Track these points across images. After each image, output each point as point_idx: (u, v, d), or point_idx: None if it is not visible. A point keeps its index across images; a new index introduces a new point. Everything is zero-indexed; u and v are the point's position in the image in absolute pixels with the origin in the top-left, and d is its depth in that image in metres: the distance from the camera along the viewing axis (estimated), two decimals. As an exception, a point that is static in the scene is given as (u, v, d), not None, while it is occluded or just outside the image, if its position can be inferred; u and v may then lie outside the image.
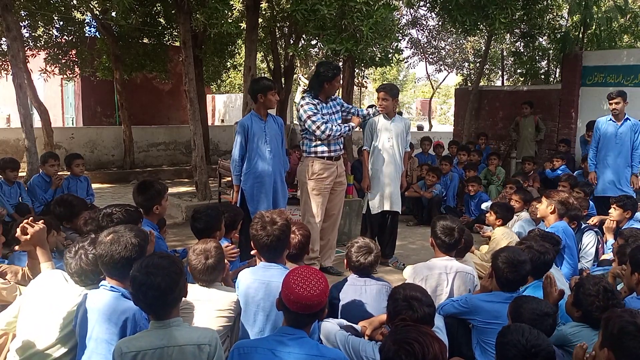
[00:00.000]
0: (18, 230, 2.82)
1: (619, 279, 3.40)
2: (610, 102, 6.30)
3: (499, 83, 16.46)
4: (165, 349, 2.13)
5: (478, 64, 14.76)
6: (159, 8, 10.97)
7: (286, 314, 2.24)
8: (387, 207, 5.26)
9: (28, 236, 2.79)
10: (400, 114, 5.79)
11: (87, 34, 11.66)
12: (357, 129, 5.57)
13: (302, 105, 4.86)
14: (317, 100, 4.86)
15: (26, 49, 9.56)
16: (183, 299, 2.34)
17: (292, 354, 2.14)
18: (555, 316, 2.68)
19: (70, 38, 11.14)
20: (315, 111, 4.79)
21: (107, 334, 2.34)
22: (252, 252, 3.00)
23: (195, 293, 2.76)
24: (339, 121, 5.03)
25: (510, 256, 3.01)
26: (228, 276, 3.14)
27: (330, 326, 2.72)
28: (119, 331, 2.33)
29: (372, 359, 2.51)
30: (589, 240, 4.80)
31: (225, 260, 3.06)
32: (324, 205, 4.95)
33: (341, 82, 5.11)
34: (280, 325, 2.62)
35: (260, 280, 2.79)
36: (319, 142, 4.85)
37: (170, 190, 8.98)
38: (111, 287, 2.44)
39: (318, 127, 4.74)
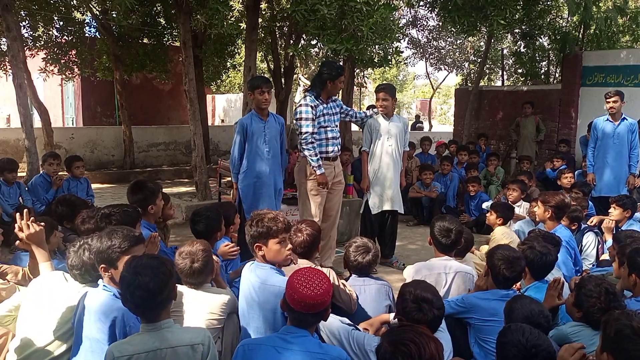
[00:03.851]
0: (16, 227, 2.82)
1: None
2: (608, 100, 6.31)
3: (499, 83, 16.46)
4: (158, 352, 2.12)
5: (478, 64, 14.76)
6: (159, 8, 10.97)
7: (290, 314, 2.27)
8: (387, 207, 5.26)
9: (23, 235, 2.80)
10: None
11: (87, 34, 11.66)
12: (357, 129, 5.58)
13: (300, 105, 4.81)
14: (317, 102, 4.81)
15: (26, 49, 9.56)
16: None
17: (295, 351, 2.17)
18: (549, 323, 2.68)
19: (70, 38, 11.14)
20: (310, 116, 4.71)
21: (99, 333, 2.35)
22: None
23: (184, 295, 2.75)
24: (337, 123, 5.02)
25: (506, 253, 3.02)
26: (218, 276, 3.11)
27: (332, 320, 2.73)
28: (108, 330, 2.32)
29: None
30: (588, 241, 4.80)
31: (216, 258, 3.05)
32: (322, 205, 4.93)
33: (342, 83, 5.06)
34: (272, 323, 2.64)
35: (257, 278, 2.78)
36: (317, 142, 4.83)
37: (170, 190, 9.00)
38: (104, 286, 2.45)
39: (301, 132, 4.71)
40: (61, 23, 10.93)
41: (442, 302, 2.54)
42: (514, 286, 3.22)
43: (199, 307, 2.75)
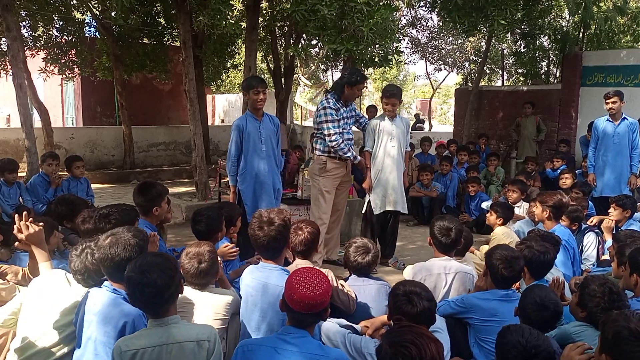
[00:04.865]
0: (15, 229, 2.82)
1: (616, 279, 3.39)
2: (607, 101, 6.31)
3: (499, 83, 16.45)
4: (164, 347, 2.14)
5: (478, 64, 14.75)
6: (159, 8, 10.97)
7: (289, 315, 2.26)
8: (390, 208, 5.28)
9: (23, 236, 2.80)
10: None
11: (87, 34, 11.66)
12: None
13: (324, 107, 4.97)
14: (339, 105, 5.02)
15: (26, 49, 9.56)
16: (182, 301, 2.34)
17: (295, 352, 2.16)
18: (558, 310, 2.70)
19: (70, 38, 11.15)
20: (336, 118, 4.94)
21: (105, 337, 2.34)
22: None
23: (188, 296, 2.75)
24: (352, 126, 5.25)
25: (504, 253, 3.03)
26: (223, 276, 3.13)
27: (330, 325, 2.73)
28: (117, 334, 2.32)
29: (374, 355, 2.51)
30: (589, 241, 4.79)
31: (219, 259, 3.06)
32: (331, 202, 5.12)
33: (360, 91, 5.19)
34: (275, 325, 2.64)
35: (258, 280, 2.81)
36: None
37: (170, 190, 8.97)
38: (113, 289, 2.44)
39: (329, 135, 4.91)
40: (61, 23, 10.93)
41: (432, 296, 2.57)
42: (513, 286, 3.22)
43: (203, 308, 2.75)
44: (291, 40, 10.69)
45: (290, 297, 2.18)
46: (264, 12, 9.47)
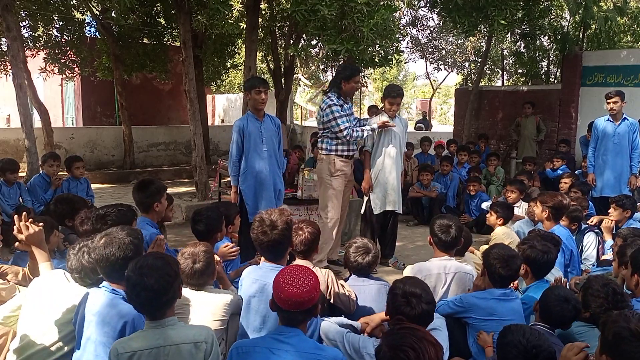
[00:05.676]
0: (15, 229, 2.82)
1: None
2: (608, 101, 6.31)
3: (499, 83, 16.45)
4: (161, 349, 2.13)
5: (478, 64, 14.75)
6: (159, 8, 10.97)
7: (280, 314, 2.25)
8: (390, 208, 5.28)
9: (23, 236, 2.80)
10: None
11: (87, 34, 11.66)
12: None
13: (329, 106, 4.98)
14: (341, 101, 5.04)
15: (26, 49, 9.56)
16: (179, 302, 2.33)
17: (291, 352, 2.15)
18: (579, 308, 2.72)
19: (70, 38, 11.15)
20: (342, 113, 4.97)
21: (105, 337, 2.33)
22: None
23: (186, 296, 2.74)
24: (354, 123, 5.24)
25: (501, 252, 3.03)
26: (224, 276, 3.12)
27: (329, 324, 2.73)
28: (117, 335, 2.32)
29: (372, 355, 2.51)
30: (589, 241, 4.79)
31: (218, 258, 3.05)
32: (340, 202, 5.14)
33: (358, 84, 5.18)
34: (276, 325, 2.64)
35: (260, 281, 2.80)
36: (339, 141, 5.04)
37: (171, 190, 8.97)
38: (112, 289, 2.43)
39: (341, 130, 4.93)
40: (61, 23, 10.93)
41: (432, 297, 2.55)
42: (511, 285, 3.22)
43: (200, 309, 2.74)
44: (291, 40, 10.68)
45: (279, 296, 2.17)
46: (264, 12, 9.46)
